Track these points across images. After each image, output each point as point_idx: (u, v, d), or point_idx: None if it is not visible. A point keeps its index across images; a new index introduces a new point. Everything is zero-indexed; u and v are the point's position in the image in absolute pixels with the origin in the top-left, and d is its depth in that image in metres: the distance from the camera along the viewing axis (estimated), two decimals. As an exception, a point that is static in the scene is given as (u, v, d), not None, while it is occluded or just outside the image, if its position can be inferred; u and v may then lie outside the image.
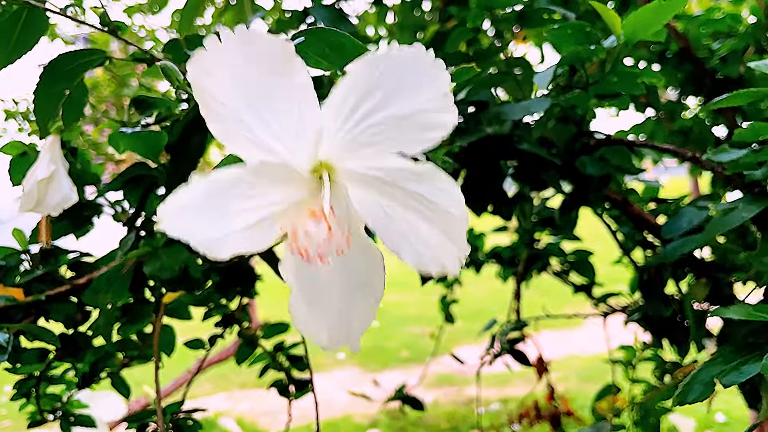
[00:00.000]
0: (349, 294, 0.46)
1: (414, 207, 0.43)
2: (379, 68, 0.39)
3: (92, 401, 1.12)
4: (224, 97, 0.38)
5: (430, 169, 0.42)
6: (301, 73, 0.39)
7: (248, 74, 0.38)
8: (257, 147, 0.41)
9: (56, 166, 0.81)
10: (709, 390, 0.60)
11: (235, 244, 0.42)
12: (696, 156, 0.85)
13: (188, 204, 0.40)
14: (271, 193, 0.42)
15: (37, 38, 0.69)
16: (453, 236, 0.43)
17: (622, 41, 0.71)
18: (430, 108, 0.40)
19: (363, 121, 0.40)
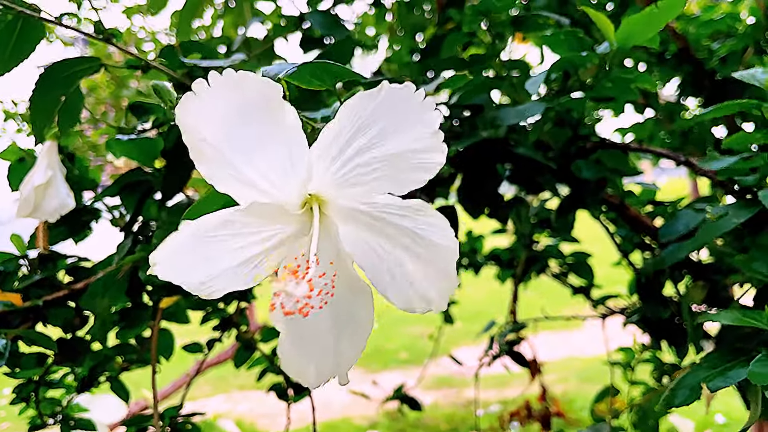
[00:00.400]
0: (336, 332, 0.46)
1: (402, 243, 0.43)
2: (370, 107, 0.39)
3: (91, 404, 1.12)
4: (213, 138, 0.39)
5: (418, 204, 0.43)
6: (289, 113, 0.40)
7: (237, 116, 0.39)
8: (246, 187, 0.41)
9: (53, 172, 0.82)
10: (695, 394, 0.60)
11: (226, 283, 0.42)
12: (690, 161, 0.85)
13: (178, 249, 0.41)
14: (261, 231, 0.43)
15: (33, 47, 0.69)
16: (442, 268, 0.43)
17: (615, 47, 0.71)
18: (420, 147, 0.40)
19: (352, 160, 0.41)
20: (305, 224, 0.44)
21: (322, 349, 0.46)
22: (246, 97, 0.39)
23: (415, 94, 0.39)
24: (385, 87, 0.39)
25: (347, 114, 0.40)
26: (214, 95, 0.38)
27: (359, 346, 0.47)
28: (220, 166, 0.40)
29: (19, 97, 3.00)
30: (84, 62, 0.69)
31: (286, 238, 0.44)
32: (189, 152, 0.39)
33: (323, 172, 0.42)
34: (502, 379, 3.44)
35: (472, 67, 0.95)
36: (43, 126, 0.72)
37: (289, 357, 0.46)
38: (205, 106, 0.38)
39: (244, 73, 0.38)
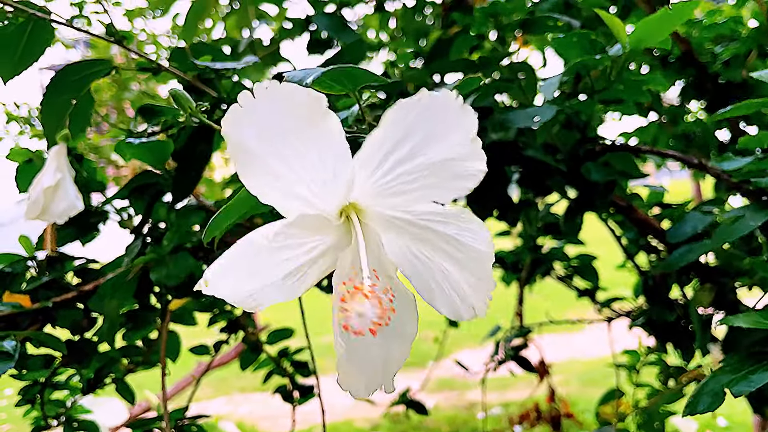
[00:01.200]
0: (386, 344, 0.46)
1: (444, 249, 0.44)
2: (410, 116, 0.39)
3: (95, 406, 1.12)
4: (259, 151, 0.39)
5: (458, 211, 0.43)
6: (332, 123, 0.40)
7: (281, 128, 0.39)
8: (291, 198, 0.41)
9: (62, 174, 0.81)
10: (718, 400, 0.60)
11: (273, 295, 0.42)
12: (702, 163, 0.85)
13: (230, 265, 0.41)
14: (305, 242, 0.43)
15: (42, 49, 0.69)
16: (481, 273, 0.44)
17: (627, 50, 0.71)
18: (462, 155, 0.40)
19: (394, 169, 0.41)
20: (344, 234, 0.44)
21: (375, 359, 0.47)
22: (291, 109, 0.38)
23: (454, 100, 0.39)
24: (424, 94, 0.39)
25: (389, 122, 0.40)
26: (259, 107, 0.38)
27: (405, 354, 0.47)
28: (264, 178, 0.40)
29: (22, 100, 3.01)
30: (95, 65, 0.69)
31: (328, 250, 0.44)
32: (232, 163, 0.39)
33: (364, 182, 0.42)
34: (504, 382, 3.44)
35: (480, 70, 0.95)
36: (54, 129, 0.72)
37: (348, 371, 0.46)
38: (250, 118, 0.38)
39: (289, 85, 0.38)
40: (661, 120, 1.60)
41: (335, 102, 0.85)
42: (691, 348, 1.12)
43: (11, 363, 0.70)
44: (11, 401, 0.97)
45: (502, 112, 0.92)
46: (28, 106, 2.97)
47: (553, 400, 1.68)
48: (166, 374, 0.87)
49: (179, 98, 0.50)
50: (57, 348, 0.78)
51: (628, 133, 1.60)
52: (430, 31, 1.55)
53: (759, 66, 1.48)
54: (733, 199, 1.29)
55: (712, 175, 0.86)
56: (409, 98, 0.39)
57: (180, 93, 0.50)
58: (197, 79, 0.75)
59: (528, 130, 0.96)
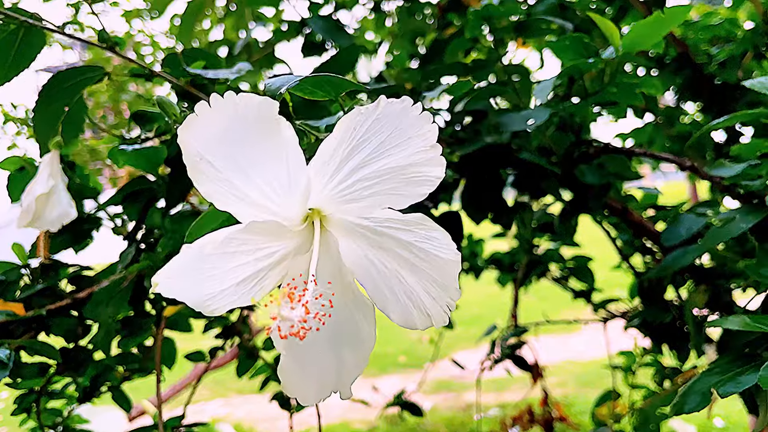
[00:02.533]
0: (338, 348, 0.46)
1: (403, 257, 0.43)
2: (367, 122, 0.40)
3: (93, 416, 1.11)
4: (212, 158, 0.39)
5: (418, 218, 0.43)
6: (285, 130, 0.40)
7: (236, 136, 0.39)
8: (246, 204, 0.41)
9: (55, 181, 0.81)
10: (706, 400, 0.60)
11: (229, 300, 0.42)
12: (695, 166, 0.85)
13: (181, 268, 0.41)
14: (262, 248, 0.43)
15: (34, 55, 0.69)
16: (443, 281, 0.44)
17: (620, 53, 0.71)
18: (418, 161, 0.40)
19: (351, 176, 0.41)
20: (306, 240, 0.44)
21: (324, 366, 0.46)
22: (244, 117, 0.39)
23: (412, 108, 0.39)
24: (382, 102, 0.39)
25: (345, 129, 0.40)
26: (214, 116, 0.39)
27: (361, 360, 0.47)
28: (219, 185, 0.40)
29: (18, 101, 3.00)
30: (87, 71, 0.69)
31: (287, 255, 0.44)
32: (189, 172, 0.40)
33: (322, 188, 0.42)
34: (501, 383, 3.44)
35: (475, 73, 0.95)
36: (47, 136, 0.71)
37: (290, 377, 0.46)
38: (205, 127, 0.39)
39: (244, 94, 0.39)
40: (657, 121, 1.60)
41: (330, 106, 0.85)
42: (686, 349, 1.12)
43: (6, 372, 0.70)
44: (7, 403, 0.97)
45: (496, 114, 0.92)
46: (25, 107, 2.96)
47: (546, 403, 1.68)
48: (161, 381, 0.86)
49: (164, 105, 0.50)
50: (52, 356, 0.78)
51: (624, 135, 1.60)
52: (425, 32, 1.55)
53: (755, 67, 1.48)
54: (728, 201, 1.29)
55: (704, 178, 0.86)
56: (367, 105, 0.39)
57: (164, 100, 0.50)
58: (190, 84, 0.75)
59: (522, 133, 0.96)
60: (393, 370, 4.06)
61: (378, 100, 0.39)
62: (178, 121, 0.51)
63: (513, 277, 1.58)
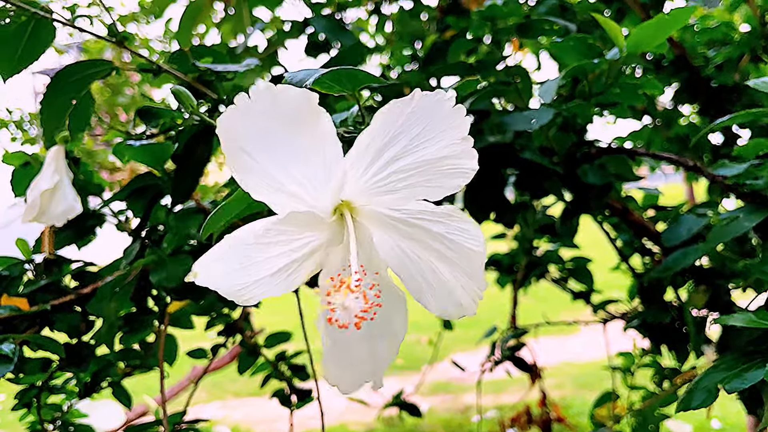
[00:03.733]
0: (374, 340, 0.47)
1: (434, 248, 0.44)
2: (403, 115, 0.40)
3: (91, 410, 1.11)
4: (252, 150, 0.40)
5: (450, 210, 0.44)
6: (324, 123, 0.40)
7: (275, 128, 0.40)
8: (283, 195, 0.42)
9: (60, 177, 0.81)
10: (712, 396, 0.61)
11: (263, 290, 0.43)
12: (698, 165, 0.86)
13: (219, 257, 0.42)
14: (296, 239, 0.44)
15: (43, 49, 0.69)
16: (472, 272, 0.45)
17: (624, 54, 0.72)
18: (453, 153, 0.41)
19: (386, 168, 0.42)
20: (337, 232, 0.45)
21: (362, 355, 0.47)
22: (283, 108, 0.40)
23: (446, 100, 0.40)
24: (417, 94, 0.40)
25: (381, 121, 0.40)
26: (254, 108, 0.39)
27: (393, 351, 0.48)
28: (257, 176, 0.41)
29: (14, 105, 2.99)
30: (96, 65, 0.69)
31: (320, 246, 0.45)
32: (227, 162, 0.40)
33: (356, 180, 0.42)
34: (499, 385, 3.44)
35: (478, 73, 0.95)
36: (53, 130, 0.72)
37: (332, 366, 0.47)
38: (245, 119, 0.39)
39: (283, 87, 0.39)
40: (655, 123, 1.61)
41: (333, 104, 0.86)
42: (685, 350, 1.13)
43: (10, 366, 0.70)
44: (5, 406, 0.97)
45: (499, 115, 0.93)
46: (21, 111, 2.95)
47: (544, 404, 1.68)
48: (165, 377, 0.86)
49: (181, 96, 0.50)
50: (55, 351, 0.78)
51: (622, 138, 1.61)
52: (425, 34, 1.56)
53: (751, 69, 1.49)
54: (727, 202, 1.30)
55: (707, 178, 0.87)
56: (401, 98, 0.40)
57: (182, 90, 0.50)
58: (197, 81, 0.75)
59: (525, 133, 0.97)
60: (390, 371, 4.06)
61: (413, 92, 0.39)
62: (195, 112, 0.51)
63: (512, 278, 1.58)
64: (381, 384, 0.48)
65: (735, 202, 0.96)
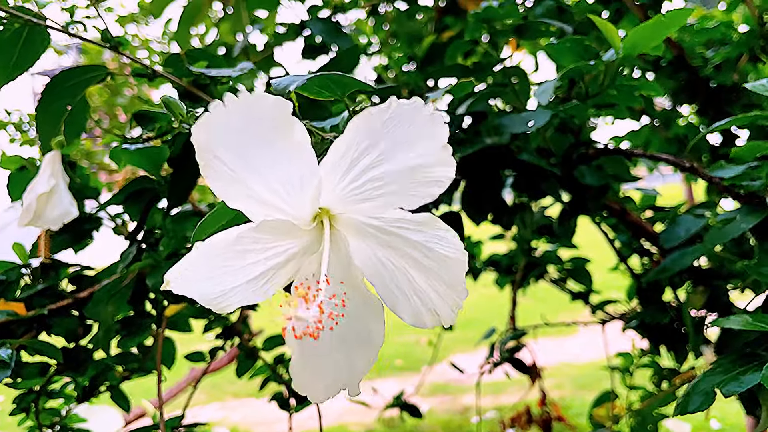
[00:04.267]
0: (347, 347, 0.47)
1: (412, 256, 0.44)
2: (379, 123, 0.40)
3: (90, 415, 1.11)
4: (225, 156, 0.40)
5: (428, 218, 0.43)
6: (298, 130, 0.40)
7: (249, 135, 0.40)
8: (257, 203, 0.42)
9: (56, 181, 0.81)
10: (709, 400, 0.61)
11: (240, 298, 0.43)
12: (695, 167, 0.86)
13: (192, 265, 0.41)
14: (272, 246, 0.43)
15: (38, 55, 0.69)
16: (451, 281, 0.44)
17: (621, 55, 0.72)
18: (429, 162, 0.40)
19: (362, 176, 0.41)
20: (316, 239, 0.45)
21: (334, 364, 0.47)
22: (258, 116, 0.39)
23: (423, 108, 0.39)
24: (393, 102, 0.39)
25: (357, 129, 0.40)
26: (228, 115, 0.39)
27: (370, 359, 0.47)
28: (232, 184, 0.41)
29: (13, 106, 2.98)
30: (91, 71, 0.69)
31: (297, 254, 0.44)
32: (201, 169, 0.40)
33: (333, 187, 0.42)
34: (498, 386, 3.44)
35: (475, 75, 0.95)
36: (49, 135, 0.72)
37: (301, 375, 0.47)
38: (219, 126, 0.39)
39: (258, 94, 0.39)
40: (653, 124, 1.61)
41: (331, 107, 0.86)
42: (684, 350, 1.13)
43: (8, 371, 0.70)
44: (3, 407, 0.96)
45: (496, 116, 0.93)
46: (19, 112, 2.95)
47: (544, 404, 1.68)
48: (162, 380, 0.86)
49: (170, 105, 0.50)
50: (53, 356, 0.78)
51: (618, 138, 1.61)
52: (423, 35, 1.56)
53: (750, 70, 1.49)
54: (725, 202, 1.30)
55: (704, 179, 0.87)
56: (378, 106, 0.39)
57: (171, 100, 0.50)
58: (192, 84, 0.75)
59: (522, 135, 0.97)
60: (390, 373, 4.06)
61: (389, 100, 0.39)
62: (185, 120, 0.51)
63: (511, 279, 1.58)
64: (357, 391, 0.47)
65: (733, 203, 0.96)
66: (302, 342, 0.44)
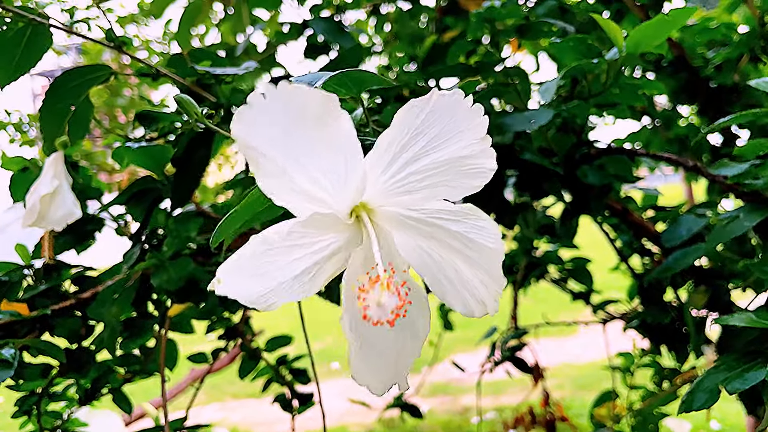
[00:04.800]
0: (399, 340, 0.47)
1: (454, 247, 0.44)
2: (421, 115, 0.40)
3: (91, 420, 1.11)
4: (271, 153, 0.39)
5: (468, 209, 0.43)
6: (344, 123, 0.39)
7: (293, 129, 0.39)
8: (304, 198, 0.41)
9: (59, 182, 0.81)
10: (713, 398, 0.61)
11: (285, 295, 0.42)
12: (698, 165, 0.86)
13: (243, 263, 0.40)
14: (317, 241, 0.43)
15: (40, 55, 0.69)
16: (492, 270, 0.44)
17: (624, 54, 0.72)
18: (471, 153, 0.41)
19: (405, 168, 0.41)
20: (355, 233, 0.44)
21: (388, 356, 0.46)
22: (302, 109, 0.38)
23: (464, 100, 0.40)
24: (435, 94, 0.39)
25: (400, 122, 0.40)
26: (270, 108, 0.38)
27: (417, 351, 0.47)
28: (278, 179, 0.40)
29: (13, 107, 2.97)
30: (94, 71, 0.69)
31: (340, 248, 0.44)
32: (249, 166, 0.39)
33: (375, 181, 0.42)
34: (498, 386, 3.44)
35: (478, 74, 0.95)
36: (53, 135, 0.72)
37: (360, 367, 0.46)
38: (261, 120, 0.38)
39: (299, 86, 0.38)
40: (654, 124, 1.61)
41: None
42: (685, 350, 1.13)
43: (10, 371, 0.70)
44: (4, 409, 0.96)
45: (498, 116, 0.93)
46: (19, 113, 2.94)
47: (547, 404, 1.68)
48: (165, 381, 0.86)
49: (185, 104, 0.50)
50: (56, 356, 0.78)
51: (620, 139, 1.61)
52: (424, 35, 1.56)
53: (750, 70, 1.49)
54: (726, 202, 1.30)
55: (707, 178, 0.87)
56: (420, 98, 0.39)
57: (185, 99, 0.50)
58: (196, 84, 0.75)
59: (524, 134, 0.97)
60: (389, 373, 4.05)
61: (431, 92, 0.39)
62: (200, 119, 0.51)
63: (512, 279, 1.58)
64: (407, 385, 0.47)
65: (734, 202, 0.96)
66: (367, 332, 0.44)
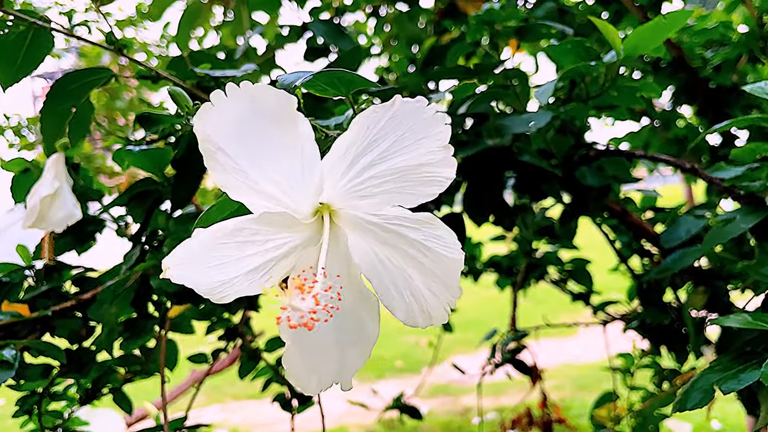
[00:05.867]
0: (342, 342, 0.47)
1: (410, 254, 0.44)
2: (382, 121, 0.40)
3: (91, 418, 1.11)
4: (228, 148, 0.40)
5: (427, 217, 0.43)
6: (302, 125, 0.40)
7: (252, 127, 0.40)
8: (259, 195, 0.42)
9: (60, 183, 0.81)
10: (708, 397, 0.61)
11: (237, 289, 0.43)
12: (695, 168, 0.86)
13: (191, 254, 0.41)
14: (272, 239, 0.44)
15: (42, 57, 0.70)
16: (447, 280, 0.44)
17: (621, 56, 0.72)
18: (430, 161, 0.41)
19: (363, 172, 0.42)
20: (316, 233, 0.45)
21: (327, 357, 0.47)
22: (261, 108, 0.39)
23: (426, 108, 0.40)
24: (397, 101, 0.40)
25: (360, 126, 0.41)
26: (230, 106, 0.39)
27: (364, 354, 0.47)
28: (234, 175, 0.41)
29: (12, 110, 2.98)
30: (95, 73, 0.69)
31: (296, 247, 0.45)
32: (204, 160, 0.40)
33: (335, 183, 0.43)
34: (499, 387, 3.44)
35: (477, 76, 0.96)
36: (54, 137, 0.72)
37: (294, 366, 0.47)
38: (221, 117, 0.39)
39: (261, 85, 0.39)
40: (653, 125, 1.61)
41: (333, 108, 0.86)
42: (684, 351, 1.13)
43: (11, 372, 0.70)
44: (4, 411, 0.96)
45: (497, 118, 0.93)
46: (18, 116, 2.94)
47: (545, 405, 1.69)
48: (165, 382, 0.86)
49: (177, 97, 0.50)
50: (56, 357, 0.78)
51: (618, 139, 1.61)
52: (423, 37, 1.56)
53: (749, 70, 1.50)
54: (725, 203, 1.30)
55: (704, 180, 0.87)
56: (382, 104, 0.40)
57: (178, 92, 0.50)
58: (196, 87, 0.76)
59: (523, 136, 0.97)
60: (390, 374, 4.06)
61: (393, 98, 0.39)
62: (191, 113, 0.51)
63: (512, 280, 1.59)
64: (350, 386, 0.47)
65: (732, 203, 0.96)
66: (296, 333, 0.44)
